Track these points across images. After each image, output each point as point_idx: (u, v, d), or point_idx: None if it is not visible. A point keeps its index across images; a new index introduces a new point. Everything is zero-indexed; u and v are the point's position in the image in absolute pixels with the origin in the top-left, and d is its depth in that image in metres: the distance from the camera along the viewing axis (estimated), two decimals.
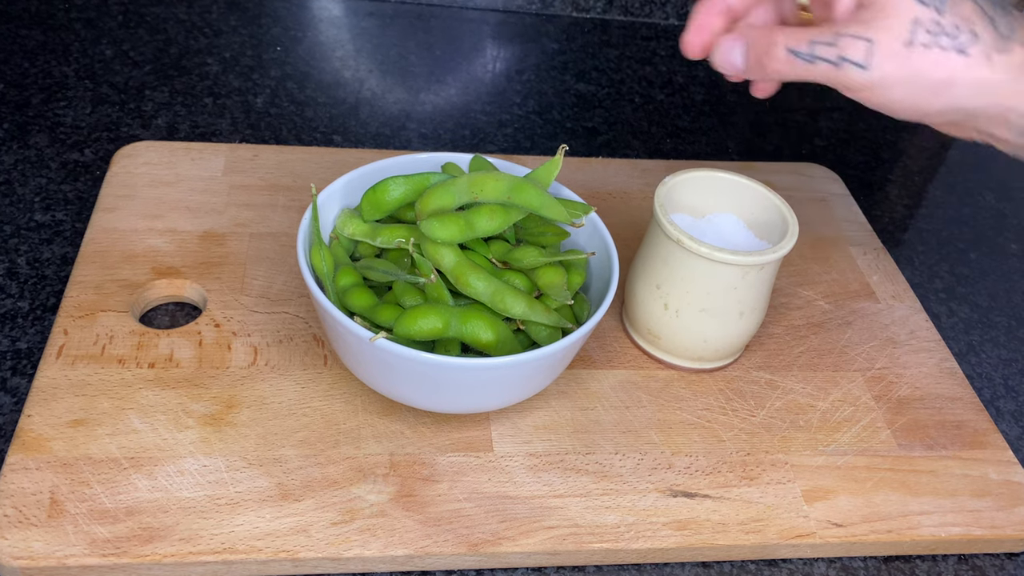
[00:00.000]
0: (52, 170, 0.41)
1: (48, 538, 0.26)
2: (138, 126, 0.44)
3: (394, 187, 0.32)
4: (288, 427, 0.30)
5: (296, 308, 0.35)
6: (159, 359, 0.32)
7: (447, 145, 0.47)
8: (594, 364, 0.35)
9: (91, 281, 0.34)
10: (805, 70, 0.24)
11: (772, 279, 0.34)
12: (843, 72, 0.24)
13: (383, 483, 0.29)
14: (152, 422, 0.30)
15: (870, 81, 0.23)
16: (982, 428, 0.35)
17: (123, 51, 0.49)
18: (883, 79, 0.23)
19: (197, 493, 0.28)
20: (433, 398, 0.29)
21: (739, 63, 0.26)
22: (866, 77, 0.23)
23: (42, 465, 0.28)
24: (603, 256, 0.32)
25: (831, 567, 0.30)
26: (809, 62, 0.24)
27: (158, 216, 0.38)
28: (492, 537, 0.28)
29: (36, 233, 0.38)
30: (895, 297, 0.40)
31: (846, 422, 0.34)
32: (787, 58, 0.25)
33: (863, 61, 0.23)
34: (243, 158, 0.41)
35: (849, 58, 0.24)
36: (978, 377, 0.39)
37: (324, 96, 0.49)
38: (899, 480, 0.32)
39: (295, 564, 0.27)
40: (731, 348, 0.35)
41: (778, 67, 0.25)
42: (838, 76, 0.24)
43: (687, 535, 0.29)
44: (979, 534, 0.31)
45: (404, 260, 0.31)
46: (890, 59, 0.23)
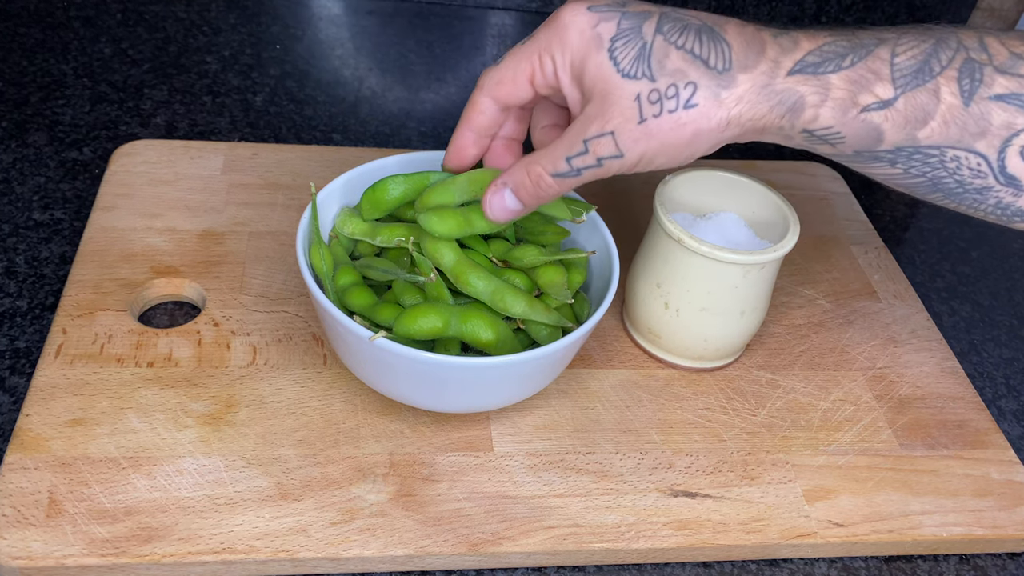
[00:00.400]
0: (51, 169, 0.41)
1: (47, 538, 0.26)
2: (137, 124, 0.44)
3: (394, 186, 0.32)
4: (287, 427, 0.30)
5: (295, 307, 0.35)
6: (158, 358, 0.32)
7: (447, 144, 0.47)
8: (594, 363, 0.35)
9: (90, 280, 0.34)
10: (575, 181, 0.26)
11: (773, 278, 0.33)
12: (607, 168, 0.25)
13: (383, 483, 0.29)
14: (151, 421, 0.30)
15: (631, 163, 0.25)
16: (984, 428, 0.35)
17: (122, 49, 0.49)
18: (641, 157, 0.25)
19: (196, 493, 0.28)
20: (433, 397, 0.29)
21: (516, 206, 0.27)
22: (627, 162, 0.25)
23: (40, 465, 0.28)
24: (603, 255, 0.32)
25: (832, 567, 0.30)
26: (577, 175, 0.26)
27: (157, 215, 0.38)
28: (492, 537, 0.28)
29: (35, 232, 0.38)
30: (896, 296, 0.40)
31: (847, 421, 0.34)
32: (556, 182, 0.26)
33: (616, 152, 0.25)
34: (242, 157, 0.41)
35: (605, 156, 0.25)
36: (980, 376, 0.39)
37: (324, 94, 0.49)
38: (900, 480, 0.32)
39: (294, 564, 0.27)
40: (732, 347, 0.35)
41: (553, 193, 0.27)
42: (605, 172, 0.26)
43: (688, 535, 0.29)
44: (981, 534, 0.31)
45: (404, 259, 0.31)
46: (635, 141, 0.24)
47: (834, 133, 0.24)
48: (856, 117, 0.24)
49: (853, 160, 0.25)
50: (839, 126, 0.24)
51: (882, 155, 0.24)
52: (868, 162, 0.25)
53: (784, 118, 0.24)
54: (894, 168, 0.25)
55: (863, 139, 0.24)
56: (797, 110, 0.24)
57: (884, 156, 0.24)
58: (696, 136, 0.24)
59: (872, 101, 0.24)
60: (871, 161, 0.25)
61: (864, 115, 0.24)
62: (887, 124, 0.24)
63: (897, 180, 0.25)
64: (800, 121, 0.24)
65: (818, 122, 0.24)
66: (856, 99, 0.24)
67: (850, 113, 0.24)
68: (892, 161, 0.25)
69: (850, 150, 0.25)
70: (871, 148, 0.24)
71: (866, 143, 0.24)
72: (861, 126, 0.24)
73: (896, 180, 0.25)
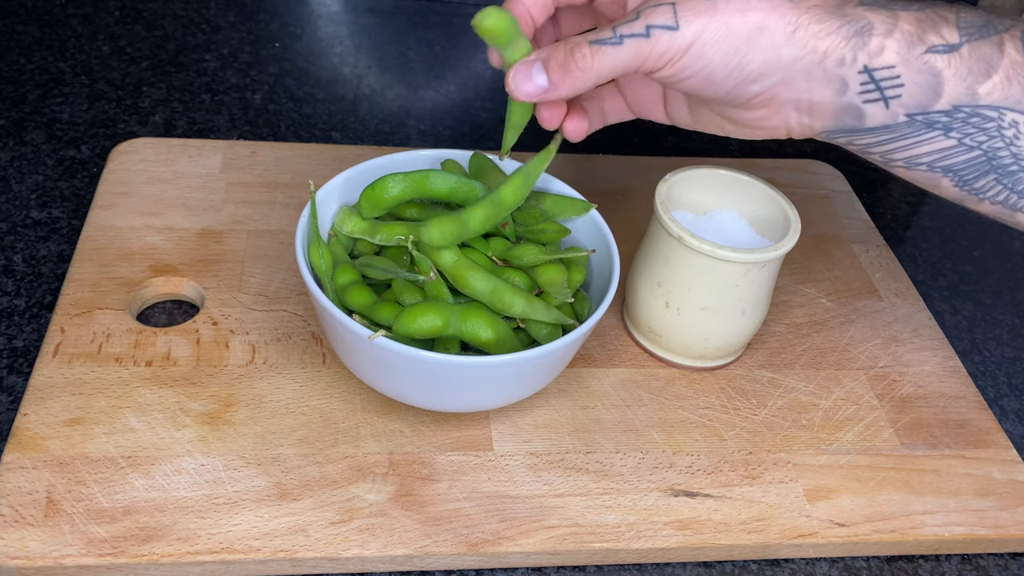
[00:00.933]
0: (48, 167, 0.41)
1: (44, 538, 0.26)
2: (135, 123, 0.44)
3: (393, 184, 0.31)
4: (286, 426, 0.30)
5: (294, 306, 0.35)
6: (156, 357, 0.32)
7: (447, 142, 0.46)
8: (595, 362, 0.35)
9: (88, 279, 0.34)
10: (615, 56, 0.23)
11: (774, 277, 0.33)
12: (654, 42, 0.22)
13: (382, 482, 0.29)
14: (149, 421, 0.30)
15: (683, 42, 0.22)
16: (986, 427, 0.35)
17: (120, 47, 0.49)
18: (696, 37, 0.22)
19: (195, 492, 0.28)
20: (432, 397, 0.29)
21: (542, 81, 0.24)
22: (679, 39, 0.22)
23: (38, 464, 0.28)
24: (604, 254, 0.32)
25: (834, 567, 0.30)
26: (617, 43, 0.23)
27: (155, 213, 0.37)
28: (492, 537, 0.28)
29: (32, 230, 0.38)
30: (898, 295, 0.40)
31: (849, 421, 0.34)
32: (593, 50, 0.23)
33: (671, 22, 0.22)
34: (241, 155, 0.41)
35: (656, 23, 0.22)
36: (982, 376, 0.39)
37: (323, 92, 0.48)
38: (902, 479, 0.32)
39: (293, 564, 0.27)
40: (733, 346, 0.35)
41: (585, 64, 0.23)
42: (651, 49, 0.23)
43: (688, 535, 0.29)
44: (983, 534, 0.31)
45: (403, 258, 0.31)
46: (697, 16, 0.22)
47: (894, 77, 0.23)
48: (920, 57, 0.22)
49: (903, 136, 0.23)
50: (901, 65, 0.23)
51: (937, 118, 0.23)
52: (921, 132, 0.23)
53: (850, 43, 0.23)
54: (947, 139, 0.23)
55: (922, 89, 0.23)
56: (864, 34, 0.23)
57: (939, 120, 0.23)
58: (761, 30, 0.22)
59: (938, 42, 0.22)
60: (924, 130, 0.23)
61: (928, 56, 0.22)
62: (949, 71, 0.22)
63: (948, 160, 0.23)
64: (864, 52, 0.22)
65: (882, 56, 0.23)
66: (923, 36, 0.23)
67: (915, 50, 0.22)
68: (947, 128, 0.23)
69: (904, 110, 0.23)
70: (927, 105, 0.23)
71: (924, 96, 0.23)
72: (923, 69, 0.22)
73: (947, 160, 0.23)
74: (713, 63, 0.23)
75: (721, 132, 0.27)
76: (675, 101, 0.28)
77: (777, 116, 0.25)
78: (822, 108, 0.24)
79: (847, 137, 0.25)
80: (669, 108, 0.29)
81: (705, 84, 0.24)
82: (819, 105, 0.24)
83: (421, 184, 0.32)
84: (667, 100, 0.29)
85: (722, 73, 0.23)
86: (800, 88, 0.24)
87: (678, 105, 0.28)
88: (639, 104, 0.29)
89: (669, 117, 0.29)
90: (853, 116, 0.24)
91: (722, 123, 0.27)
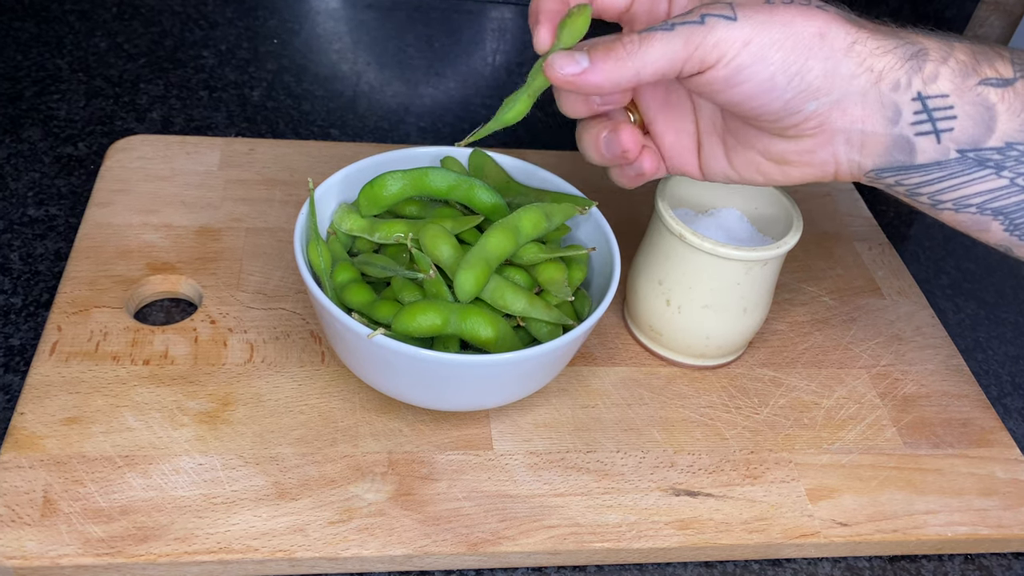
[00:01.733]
0: (45, 164, 0.41)
1: (41, 537, 0.26)
2: (132, 119, 0.44)
3: (392, 182, 0.31)
4: (285, 425, 0.30)
5: (293, 304, 0.34)
6: (154, 356, 0.32)
7: (446, 139, 0.46)
8: (595, 361, 0.34)
9: (85, 277, 0.34)
10: (664, 42, 0.21)
11: (776, 275, 0.33)
12: (709, 28, 0.21)
13: (381, 482, 0.29)
14: (147, 420, 0.29)
15: (742, 36, 0.21)
16: (989, 426, 0.34)
17: (117, 43, 0.49)
18: (756, 33, 0.21)
19: (192, 492, 0.28)
20: (432, 395, 0.29)
21: (583, 62, 0.22)
22: (736, 31, 0.21)
23: (35, 463, 0.28)
24: (604, 251, 0.32)
25: (836, 567, 0.30)
26: (668, 30, 0.21)
27: (153, 211, 0.37)
28: (492, 536, 0.28)
29: (29, 228, 0.37)
30: (900, 293, 0.40)
31: (851, 420, 0.34)
32: (642, 37, 0.21)
33: (729, 12, 0.21)
34: (239, 152, 0.41)
35: (713, 13, 0.21)
36: (985, 374, 0.38)
37: (321, 89, 0.48)
38: (905, 479, 0.32)
39: (292, 564, 0.27)
40: (734, 345, 0.34)
41: (632, 48, 0.21)
42: (705, 37, 0.21)
43: (690, 534, 0.29)
44: (986, 533, 0.31)
45: (403, 255, 0.31)
46: (756, 11, 0.21)
47: (947, 107, 0.22)
48: (973, 89, 0.22)
49: (954, 175, 0.22)
50: (955, 95, 0.22)
51: (989, 155, 0.22)
52: (972, 170, 0.23)
53: (905, 65, 0.22)
54: (999, 178, 0.23)
55: (974, 123, 0.22)
56: (920, 58, 0.22)
57: (991, 158, 0.22)
58: (822, 36, 0.21)
59: (992, 75, 0.22)
60: (975, 168, 0.22)
61: (981, 89, 0.22)
62: (1002, 106, 0.22)
63: (999, 201, 0.23)
64: (919, 77, 0.22)
65: (936, 84, 0.22)
66: (977, 68, 0.22)
67: (969, 81, 0.22)
68: (999, 166, 0.22)
69: (956, 145, 0.22)
70: (980, 141, 0.22)
71: (976, 131, 0.22)
72: (976, 101, 0.22)
73: (998, 202, 0.23)
74: (774, 65, 0.21)
75: (762, 179, 0.25)
76: (711, 145, 0.26)
77: (826, 149, 0.24)
78: (873, 140, 0.23)
79: (896, 176, 0.24)
80: (704, 156, 0.26)
81: (761, 92, 0.22)
82: (871, 137, 0.23)
83: (420, 182, 0.31)
84: (701, 146, 0.26)
85: (782, 79, 0.22)
86: (853, 116, 0.23)
87: (714, 150, 0.26)
88: (671, 150, 0.27)
89: (703, 167, 0.27)
90: (904, 151, 0.23)
91: (764, 166, 0.25)
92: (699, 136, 0.27)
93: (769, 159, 0.25)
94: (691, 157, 0.27)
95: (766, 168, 0.25)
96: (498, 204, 0.32)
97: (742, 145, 0.25)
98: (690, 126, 0.27)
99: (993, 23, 0.64)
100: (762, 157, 0.25)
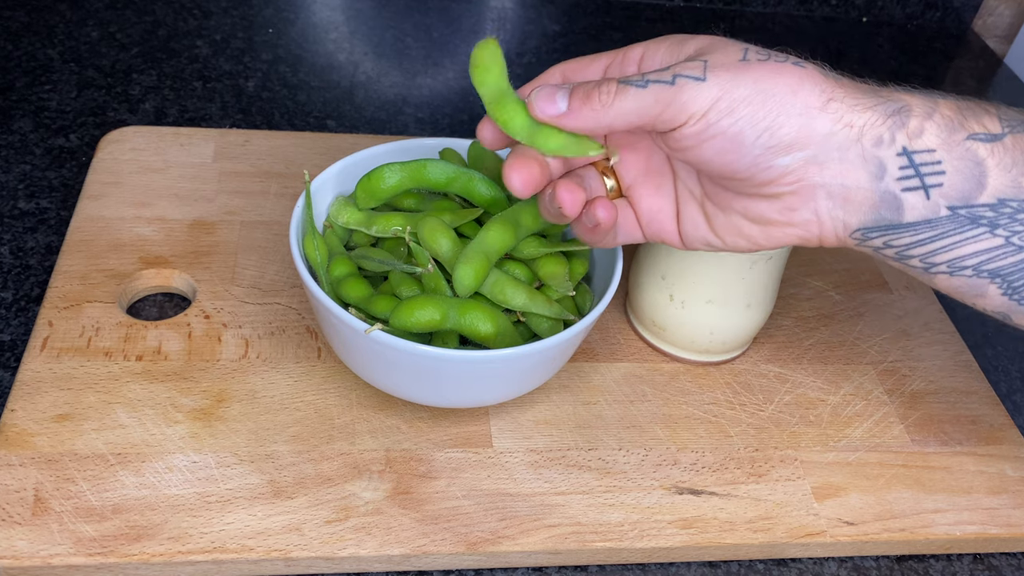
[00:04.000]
0: (36, 156, 0.40)
1: (32, 537, 0.25)
2: (125, 111, 0.43)
3: (390, 174, 0.31)
4: (280, 422, 0.30)
5: (289, 299, 0.34)
6: (147, 352, 0.31)
7: (445, 130, 0.46)
8: (597, 357, 0.34)
9: (76, 271, 0.33)
10: (637, 98, 0.22)
11: (781, 269, 0.33)
12: (678, 89, 0.22)
13: (379, 480, 0.28)
14: (140, 417, 0.29)
15: (710, 95, 0.21)
16: (998, 423, 0.34)
17: (110, 33, 0.48)
18: (724, 92, 0.21)
19: (186, 490, 0.27)
20: (430, 392, 0.29)
21: (562, 104, 0.23)
22: (705, 90, 0.21)
23: (26, 461, 0.27)
24: None
25: (842, 567, 0.30)
26: (642, 86, 0.22)
27: (146, 204, 0.37)
28: (491, 536, 0.27)
29: (20, 221, 0.37)
30: (908, 287, 0.39)
31: (858, 417, 0.33)
32: (618, 88, 0.22)
33: (699, 74, 0.22)
34: (234, 144, 0.40)
35: (684, 73, 0.22)
36: (994, 370, 0.38)
37: (318, 80, 0.47)
38: (912, 477, 0.31)
39: (287, 564, 0.27)
40: (739, 340, 0.34)
41: (607, 99, 0.22)
42: (675, 96, 0.22)
43: (693, 534, 0.28)
44: (995, 533, 0.30)
45: (400, 249, 0.31)
46: (727, 70, 0.22)
47: (935, 162, 0.22)
48: (961, 144, 0.22)
49: (945, 234, 0.22)
50: (942, 150, 0.22)
51: (982, 212, 0.22)
52: (965, 228, 0.22)
53: (887, 122, 0.22)
54: (994, 237, 0.22)
55: (964, 178, 0.22)
56: (903, 114, 0.22)
57: (984, 215, 0.22)
58: (794, 92, 0.21)
59: (979, 130, 0.22)
60: (968, 227, 0.22)
61: (970, 143, 0.22)
62: (992, 160, 0.22)
63: (995, 263, 0.22)
64: (904, 132, 0.22)
65: (922, 139, 0.22)
66: (964, 123, 0.22)
67: (956, 135, 0.22)
68: (993, 224, 0.22)
69: (947, 202, 0.22)
70: (971, 197, 0.22)
71: (967, 186, 0.22)
72: (965, 156, 0.22)
73: (994, 263, 0.22)
74: (742, 120, 0.21)
75: (746, 243, 0.25)
76: (690, 213, 0.26)
77: (807, 206, 0.23)
78: (858, 196, 0.22)
79: (884, 236, 0.23)
80: (683, 224, 0.26)
81: (730, 148, 0.22)
82: (854, 192, 0.22)
83: (419, 174, 0.31)
84: (680, 214, 0.26)
85: (751, 135, 0.22)
86: (833, 172, 0.22)
87: (694, 218, 0.26)
88: (650, 216, 0.27)
89: (683, 235, 0.26)
90: (891, 208, 0.22)
91: (746, 228, 0.24)
92: (678, 204, 0.26)
93: (751, 220, 0.24)
94: (670, 225, 0.27)
95: (748, 231, 0.25)
96: (498, 197, 0.31)
97: (723, 211, 0.25)
98: (669, 193, 0.26)
99: (1003, 12, 0.63)
100: (743, 219, 0.25)
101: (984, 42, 0.62)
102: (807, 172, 0.22)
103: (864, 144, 0.22)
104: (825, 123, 0.22)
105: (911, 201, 0.22)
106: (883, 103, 0.22)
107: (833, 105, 0.22)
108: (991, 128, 0.22)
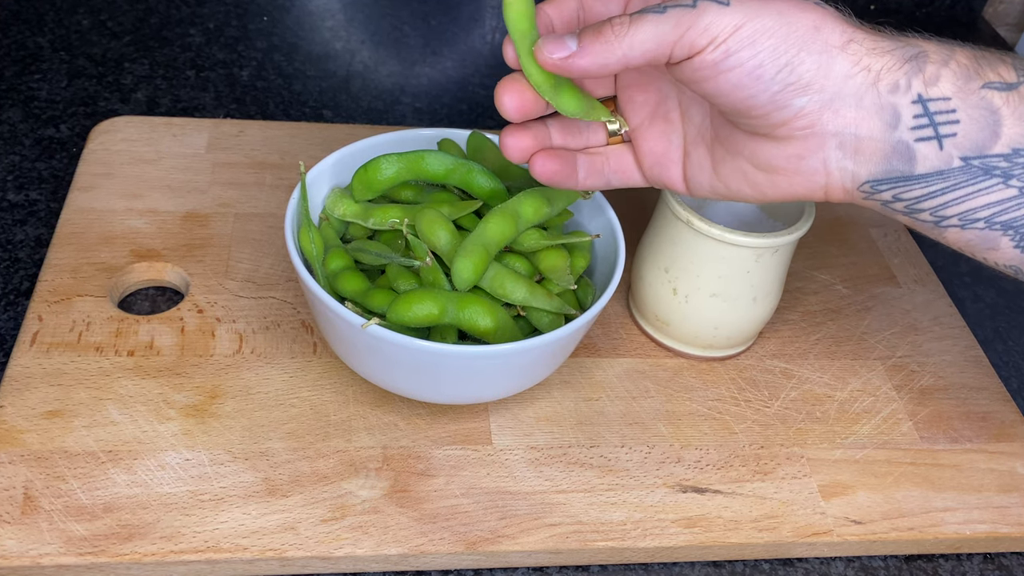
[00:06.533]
0: (26, 147, 0.39)
1: (21, 536, 0.25)
2: (117, 100, 0.42)
3: (387, 165, 0.30)
4: (275, 419, 0.29)
5: (283, 293, 0.33)
6: (139, 347, 0.31)
7: (443, 121, 0.45)
8: (599, 352, 0.33)
9: (67, 264, 0.33)
10: (654, 24, 0.21)
11: (787, 262, 0.32)
12: (699, 12, 0.21)
13: (376, 478, 0.28)
14: (131, 413, 0.29)
15: (733, 20, 0.20)
16: (1009, 419, 0.33)
17: (101, 21, 0.47)
18: (746, 19, 0.20)
19: (179, 488, 0.27)
20: (428, 388, 0.28)
21: (572, 45, 0.22)
22: (727, 15, 0.20)
23: (15, 459, 0.27)
24: (608, 238, 0.31)
25: (849, 567, 0.29)
26: (660, 12, 0.21)
27: (138, 196, 0.36)
28: (491, 535, 0.27)
29: (9, 214, 0.36)
30: (917, 281, 0.39)
31: (865, 413, 0.33)
32: (632, 18, 0.21)
33: None
34: (228, 134, 0.40)
35: None
36: (1005, 366, 0.37)
37: (313, 69, 0.47)
38: (921, 475, 0.31)
39: (283, 563, 0.26)
40: (744, 335, 0.33)
41: (621, 30, 0.21)
42: (695, 20, 0.21)
43: (697, 533, 0.28)
44: (1006, 531, 0.30)
45: (398, 242, 0.30)
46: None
47: (949, 111, 0.21)
48: (976, 92, 0.21)
49: (958, 186, 0.21)
50: (957, 98, 0.21)
51: (995, 163, 0.21)
52: (978, 180, 0.21)
53: (904, 67, 0.21)
54: (1008, 188, 0.21)
55: (979, 127, 0.21)
56: (920, 59, 0.21)
57: (998, 165, 0.21)
58: (817, 29, 0.21)
59: (995, 79, 0.21)
60: (981, 178, 0.21)
61: (985, 92, 0.21)
62: (1007, 110, 0.21)
63: (1008, 214, 0.22)
64: (920, 79, 0.21)
65: (938, 86, 0.21)
66: (979, 71, 0.21)
67: (972, 83, 0.21)
68: (1006, 175, 0.21)
69: (960, 152, 0.21)
70: (985, 147, 0.21)
71: (981, 136, 0.21)
72: (980, 104, 0.21)
73: (1007, 214, 0.22)
74: (763, 52, 0.21)
75: (749, 190, 0.24)
76: (698, 156, 0.25)
77: (815, 156, 0.23)
78: (869, 146, 0.22)
79: (894, 189, 0.22)
80: (690, 167, 0.26)
81: (749, 82, 0.21)
82: (866, 142, 0.22)
83: (416, 165, 0.30)
84: (688, 157, 0.26)
85: (771, 68, 0.21)
86: (847, 119, 0.22)
87: (701, 161, 0.25)
88: (654, 159, 0.26)
89: (688, 179, 0.26)
90: (903, 158, 0.22)
91: (752, 174, 0.24)
92: (686, 147, 0.26)
93: (757, 167, 0.24)
94: (676, 169, 0.26)
95: (754, 177, 0.24)
96: (497, 188, 0.30)
97: (730, 154, 0.25)
98: (678, 137, 0.26)
99: (1013, 0, 0.62)
100: (749, 164, 0.24)
101: (995, 30, 0.61)
102: (821, 117, 0.22)
103: (880, 90, 0.21)
104: (844, 64, 0.21)
105: (924, 152, 0.22)
106: (901, 47, 0.22)
107: (853, 46, 0.21)
108: (1007, 77, 0.21)
